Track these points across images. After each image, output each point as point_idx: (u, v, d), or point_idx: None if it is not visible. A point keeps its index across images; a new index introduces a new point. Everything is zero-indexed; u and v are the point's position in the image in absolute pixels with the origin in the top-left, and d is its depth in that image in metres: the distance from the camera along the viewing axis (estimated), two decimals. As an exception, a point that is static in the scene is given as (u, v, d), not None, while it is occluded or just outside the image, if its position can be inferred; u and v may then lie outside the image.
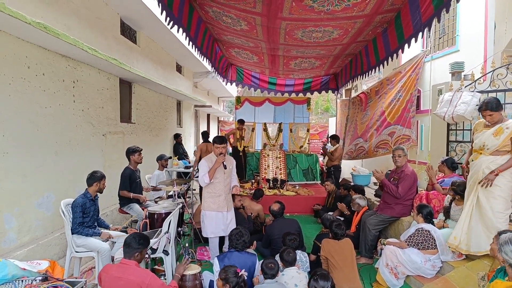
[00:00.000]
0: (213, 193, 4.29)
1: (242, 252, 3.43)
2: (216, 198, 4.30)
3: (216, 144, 4.25)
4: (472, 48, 5.92)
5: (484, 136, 3.56)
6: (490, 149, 3.49)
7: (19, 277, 2.41)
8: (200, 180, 4.20)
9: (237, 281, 2.81)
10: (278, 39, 5.29)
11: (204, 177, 4.16)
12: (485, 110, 3.53)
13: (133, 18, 7.03)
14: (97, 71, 5.83)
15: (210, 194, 4.30)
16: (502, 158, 3.43)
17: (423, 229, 3.89)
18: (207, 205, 4.31)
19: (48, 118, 4.60)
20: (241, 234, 3.43)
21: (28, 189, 4.28)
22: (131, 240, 2.79)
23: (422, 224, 3.94)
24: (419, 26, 3.68)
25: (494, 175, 3.41)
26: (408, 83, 6.58)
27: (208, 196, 4.31)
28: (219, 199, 4.31)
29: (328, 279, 2.68)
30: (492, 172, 3.42)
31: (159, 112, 9.11)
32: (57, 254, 4.58)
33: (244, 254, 3.43)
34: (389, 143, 7.04)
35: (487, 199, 3.47)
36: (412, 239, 3.90)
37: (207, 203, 4.31)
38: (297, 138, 10.13)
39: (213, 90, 16.57)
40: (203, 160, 4.32)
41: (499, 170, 3.40)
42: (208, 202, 4.30)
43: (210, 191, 4.29)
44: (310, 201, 7.33)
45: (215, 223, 4.28)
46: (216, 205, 4.29)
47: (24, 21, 3.44)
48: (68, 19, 5.03)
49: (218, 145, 4.23)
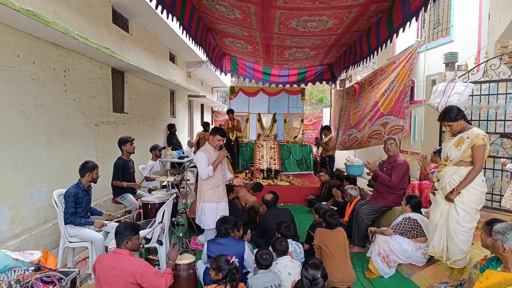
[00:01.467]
0: (213, 184, 4.29)
1: (230, 238, 3.54)
2: (216, 189, 4.31)
3: (218, 137, 4.28)
4: (466, 38, 5.92)
5: (447, 146, 3.41)
6: (453, 160, 3.33)
7: (12, 267, 2.40)
8: (204, 173, 4.15)
9: (229, 268, 2.85)
10: (273, 29, 5.24)
11: (207, 170, 4.13)
12: (443, 121, 3.39)
13: (125, 6, 6.90)
14: (89, 60, 5.74)
15: (210, 185, 4.28)
16: (467, 169, 3.25)
17: (410, 218, 3.97)
18: (207, 197, 4.28)
19: (39, 108, 4.53)
20: (224, 221, 3.61)
21: (20, 180, 4.24)
22: (119, 228, 2.83)
23: (409, 213, 4.01)
24: (408, 16, 3.67)
25: (454, 194, 3.24)
26: (402, 74, 6.58)
27: (208, 188, 4.28)
28: (218, 189, 4.33)
29: (319, 268, 2.71)
30: (452, 192, 3.26)
31: (152, 102, 9.03)
32: (50, 244, 4.56)
33: (232, 241, 3.54)
34: (381, 133, 7.07)
35: (453, 212, 3.30)
36: (398, 227, 3.98)
37: (207, 195, 4.28)
38: (291, 129, 10.13)
39: (207, 80, 16.44)
40: (200, 152, 4.26)
41: (457, 189, 3.23)
42: (209, 193, 4.28)
43: (210, 182, 4.27)
44: (304, 191, 7.37)
45: (216, 214, 4.27)
46: (217, 195, 4.31)
47: (13, 8, 3.35)
48: (58, 6, 4.92)
49: (220, 137, 4.29)
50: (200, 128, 15.75)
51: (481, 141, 3.17)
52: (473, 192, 3.23)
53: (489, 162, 4.86)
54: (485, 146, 3.19)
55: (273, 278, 3.09)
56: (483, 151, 3.18)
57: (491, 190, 4.85)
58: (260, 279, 3.07)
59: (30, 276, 2.25)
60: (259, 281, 3.05)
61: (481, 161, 3.20)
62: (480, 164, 3.20)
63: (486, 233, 2.69)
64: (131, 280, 2.60)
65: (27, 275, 2.27)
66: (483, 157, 3.21)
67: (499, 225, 2.32)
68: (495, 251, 2.30)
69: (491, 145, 4.77)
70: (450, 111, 3.35)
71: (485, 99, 4.90)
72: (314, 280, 2.64)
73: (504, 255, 2.20)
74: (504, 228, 2.24)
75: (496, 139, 4.76)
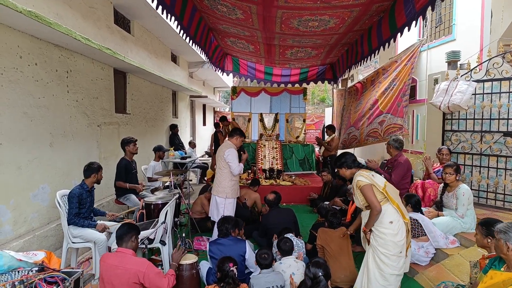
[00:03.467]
0: (235, 180, 4.58)
1: (230, 238, 3.55)
2: (237, 184, 4.64)
3: (243, 137, 4.74)
4: (468, 37, 5.91)
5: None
6: (362, 207, 3.17)
7: (15, 268, 2.41)
8: (237, 169, 4.44)
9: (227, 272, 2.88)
10: (274, 28, 5.24)
11: (240, 167, 4.49)
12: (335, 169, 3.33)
13: (127, 6, 6.92)
14: (91, 61, 5.75)
15: (232, 182, 4.53)
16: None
17: (411, 218, 3.94)
18: (231, 192, 4.52)
19: (42, 109, 4.55)
20: (225, 221, 3.66)
21: (23, 181, 4.26)
22: (119, 228, 2.88)
23: (410, 213, 4.00)
24: (413, 15, 3.65)
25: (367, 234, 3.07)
26: (403, 72, 6.56)
27: (230, 185, 4.51)
28: (237, 184, 4.64)
29: (320, 266, 2.70)
30: (364, 232, 3.13)
31: (154, 103, 9.04)
32: (54, 245, 4.58)
33: (233, 241, 3.54)
34: (378, 131, 7.04)
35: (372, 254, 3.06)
36: None
37: (232, 190, 4.52)
38: (294, 129, 10.12)
39: (209, 80, 16.45)
40: (232, 149, 4.49)
41: (363, 228, 3.13)
42: (233, 189, 4.55)
43: (233, 178, 4.53)
44: (306, 191, 7.36)
45: (233, 208, 4.56)
46: (237, 190, 4.66)
47: (15, 10, 3.37)
48: (60, 8, 4.94)
49: (244, 138, 4.75)
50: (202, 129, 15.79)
51: (360, 182, 2.98)
52: (380, 235, 2.95)
53: (492, 160, 4.85)
54: (369, 185, 2.94)
55: (276, 278, 3.09)
56: (369, 190, 2.92)
57: (495, 189, 4.84)
58: (262, 279, 3.07)
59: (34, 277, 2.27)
60: (261, 281, 3.06)
61: (373, 200, 2.89)
62: (374, 204, 2.89)
63: (481, 234, 2.70)
64: (134, 279, 2.60)
65: (31, 276, 2.28)
66: (374, 196, 2.91)
67: (500, 224, 2.32)
68: (498, 251, 2.30)
69: (494, 143, 4.77)
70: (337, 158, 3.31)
71: (488, 97, 4.89)
72: (315, 278, 2.63)
73: (508, 253, 2.20)
74: (506, 227, 2.25)
75: (499, 137, 4.75)
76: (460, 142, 5.19)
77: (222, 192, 4.47)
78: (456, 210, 4.03)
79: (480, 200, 4.97)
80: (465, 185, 4.10)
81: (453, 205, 4.07)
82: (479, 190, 4.97)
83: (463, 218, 3.99)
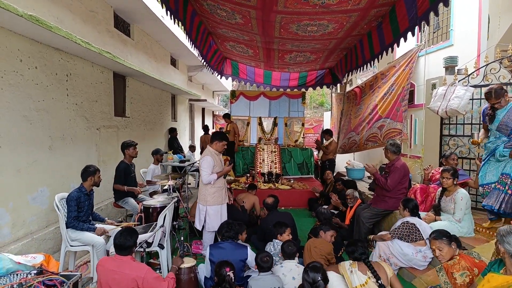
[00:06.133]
0: (217, 187, 4.40)
1: (232, 242, 3.54)
2: (220, 192, 4.43)
3: (224, 142, 4.46)
4: (466, 42, 5.94)
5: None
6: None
7: (14, 271, 2.41)
8: (207, 179, 4.23)
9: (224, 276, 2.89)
10: (273, 33, 5.27)
11: (211, 177, 4.23)
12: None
13: (126, 10, 6.95)
14: (91, 64, 5.77)
15: (215, 188, 4.36)
16: None
17: (408, 222, 3.94)
18: (213, 200, 4.35)
19: (41, 112, 4.56)
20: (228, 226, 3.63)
21: (22, 184, 4.25)
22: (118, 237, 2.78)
23: (407, 218, 4.00)
24: (415, 20, 3.68)
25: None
26: (401, 77, 6.60)
27: (212, 192, 4.35)
28: (222, 192, 4.45)
29: (319, 271, 2.70)
30: None
31: (153, 106, 9.06)
32: (52, 248, 4.57)
33: (235, 245, 3.53)
34: (378, 136, 7.09)
35: None
36: (397, 231, 3.96)
37: (213, 198, 4.35)
38: (292, 132, 10.15)
39: (208, 84, 16.49)
40: (208, 157, 4.31)
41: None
42: (214, 197, 4.37)
43: (216, 185, 4.37)
44: (305, 195, 7.38)
45: (220, 216, 4.39)
46: (220, 198, 4.43)
47: (16, 14, 3.39)
48: (60, 12, 4.97)
49: (224, 142, 4.49)
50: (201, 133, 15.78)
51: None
52: None
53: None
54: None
55: (274, 281, 3.09)
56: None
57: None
58: (260, 281, 3.08)
59: (32, 280, 2.27)
60: (259, 283, 3.06)
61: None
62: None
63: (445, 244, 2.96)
64: (133, 285, 2.60)
65: (29, 279, 2.29)
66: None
67: (503, 227, 2.35)
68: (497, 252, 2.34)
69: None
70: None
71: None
72: (314, 283, 2.64)
73: (504, 256, 2.23)
74: (504, 231, 2.28)
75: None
76: (457, 146, 5.21)
77: (203, 200, 4.37)
78: (454, 214, 4.04)
79: (477, 205, 4.98)
80: (463, 189, 4.11)
81: (451, 209, 4.08)
82: (477, 194, 4.98)
83: (460, 222, 4.00)
